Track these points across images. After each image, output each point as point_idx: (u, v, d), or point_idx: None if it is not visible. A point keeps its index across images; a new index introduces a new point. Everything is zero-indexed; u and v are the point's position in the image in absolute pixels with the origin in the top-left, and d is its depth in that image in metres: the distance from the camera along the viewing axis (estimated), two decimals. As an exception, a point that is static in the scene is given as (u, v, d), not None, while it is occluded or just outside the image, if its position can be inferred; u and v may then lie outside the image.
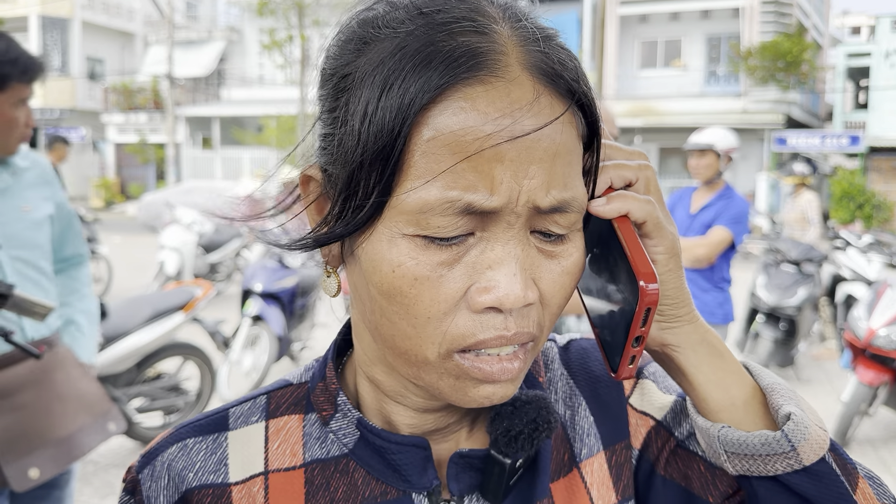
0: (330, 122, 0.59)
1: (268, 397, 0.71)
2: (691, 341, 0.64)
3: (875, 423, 5.63)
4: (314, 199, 0.62)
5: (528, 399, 0.65)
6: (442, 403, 0.66)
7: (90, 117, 31.74)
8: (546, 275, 0.57)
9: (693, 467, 0.69)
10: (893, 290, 5.30)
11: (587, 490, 0.70)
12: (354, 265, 0.60)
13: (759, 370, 0.66)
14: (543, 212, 0.55)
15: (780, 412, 0.61)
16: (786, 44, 23.03)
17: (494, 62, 0.53)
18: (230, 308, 8.35)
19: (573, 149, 0.56)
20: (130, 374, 4.57)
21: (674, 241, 0.62)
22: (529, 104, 0.53)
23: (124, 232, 18.74)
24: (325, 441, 0.68)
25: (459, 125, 0.52)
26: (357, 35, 0.58)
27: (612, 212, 0.60)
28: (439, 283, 0.54)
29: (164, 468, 0.67)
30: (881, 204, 23.88)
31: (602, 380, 0.75)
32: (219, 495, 0.66)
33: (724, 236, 4.17)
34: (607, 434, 0.72)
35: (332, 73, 0.59)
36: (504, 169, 0.52)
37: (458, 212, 0.53)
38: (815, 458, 0.60)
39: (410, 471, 0.65)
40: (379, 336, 0.60)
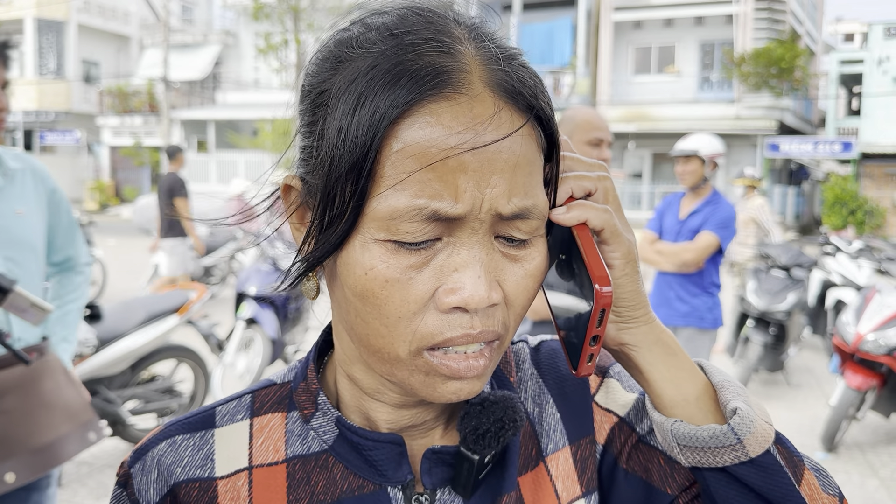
0: (308, 136, 0.63)
1: (252, 396, 0.75)
2: (647, 341, 0.68)
3: (863, 427, 5.68)
4: (295, 207, 0.66)
5: (495, 399, 0.68)
6: (417, 400, 0.69)
7: (85, 120, 31.71)
8: (510, 277, 0.61)
9: (653, 461, 0.73)
10: (882, 296, 5.36)
11: (552, 483, 0.74)
12: (332, 270, 0.64)
13: (711, 368, 0.70)
14: (506, 218, 0.59)
15: (728, 407, 0.65)
16: (779, 50, 23.14)
17: (458, 80, 0.58)
18: (224, 311, 8.38)
19: (533, 160, 0.61)
20: (125, 376, 4.60)
21: (630, 248, 0.66)
22: (490, 118, 0.57)
23: (119, 235, 18.73)
24: (306, 438, 0.71)
25: (425, 138, 0.56)
26: (333, 54, 0.62)
27: (572, 220, 0.64)
28: (409, 285, 0.58)
29: (153, 463, 0.71)
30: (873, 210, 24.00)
31: (569, 379, 0.79)
32: (205, 489, 0.70)
33: (711, 241, 4.23)
34: (573, 430, 0.76)
35: (311, 90, 0.63)
36: (467, 178, 0.56)
37: (425, 218, 0.57)
38: (761, 450, 0.63)
39: (386, 466, 0.69)
40: (355, 336, 0.64)
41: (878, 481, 4.72)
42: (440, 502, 0.70)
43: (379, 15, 0.62)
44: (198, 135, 30.67)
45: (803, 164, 28.13)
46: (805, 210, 29.27)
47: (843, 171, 25.48)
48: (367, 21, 0.62)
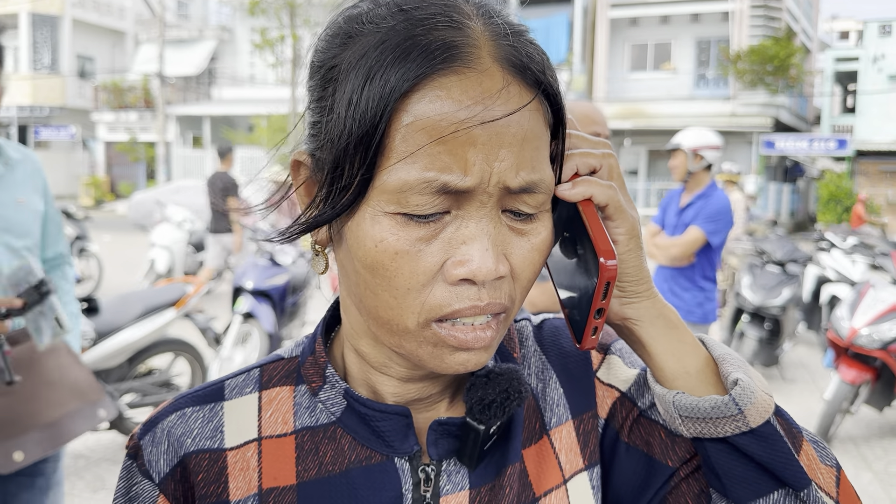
0: (318, 111, 0.64)
1: (261, 370, 0.77)
2: (650, 315, 0.69)
3: (857, 421, 5.71)
4: (303, 182, 0.68)
5: (500, 371, 0.70)
6: (424, 373, 0.70)
7: (80, 115, 31.63)
8: (517, 251, 0.62)
9: (654, 434, 0.74)
10: (876, 291, 5.39)
11: (556, 455, 0.75)
12: (341, 244, 0.65)
13: (712, 342, 0.72)
14: (513, 192, 0.60)
15: (729, 378, 0.66)
16: (774, 48, 23.19)
17: (468, 55, 0.59)
18: (221, 306, 8.38)
19: (540, 135, 0.62)
20: (122, 369, 4.60)
21: (634, 224, 0.68)
22: (499, 93, 0.59)
23: (114, 230, 18.70)
24: (314, 410, 0.73)
25: (436, 111, 0.57)
26: (343, 30, 0.63)
27: (577, 195, 0.66)
28: (418, 258, 0.59)
29: (164, 434, 0.72)
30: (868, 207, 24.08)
31: (572, 355, 0.80)
32: (215, 459, 0.71)
33: (697, 236, 4.28)
34: (576, 405, 0.78)
35: (321, 66, 0.64)
36: (476, 152, 0.57)
37: (434, 191, 0.58)
38: (761, 420, 0.65)
39: (393, 437, 0.70)
40: (364, 308, 0.65)
41: (872, 474, 4.75)
42: (446, 473, 0.71)
43: None
44: (193, 130, 30.62)
45: (798, 162, 28.21)
46: (800, 207, 29.35)
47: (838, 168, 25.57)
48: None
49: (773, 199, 25.21)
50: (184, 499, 0.71)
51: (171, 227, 9.75)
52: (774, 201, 25.45)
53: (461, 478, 0.71)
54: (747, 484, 0.66)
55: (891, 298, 5.25)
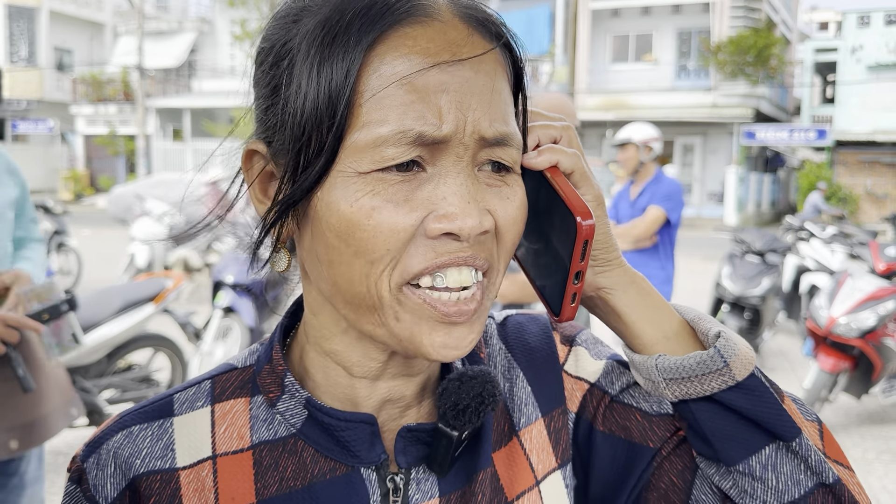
0: (269, 95, 0.62)
1: (212, 382, 0.72)
2: (622, 283, 0.69)
3: (835, 409, 5.77)
4: (259, 172, 0.65)
5: (473, 374, 0.68)
6: (397, 371, 0.68)
7: (58, 108, 31.25)
8: (499, 208, 0.61)
9: (630, 418, 0.73)
10: (854, 280, 5.44)
11: (527, 456, 0.74)
12: (307, 227, 0.62)
13: (683, 307, 0.72)
14: (489, 143, 0.60)
15: (710, 333, 0.66)
16: (755, 38, 23.32)
17: (429, 7, 0.59)
18: (201, 300, 8.33)
19: (506, 90, 0.62)
20: (101, 365, 4.56)
21: (599, 191, 0.68)
22: (465, 41, 0.59)
23: (94, 225, 18.53)
24: (272, 422, 0.69)
25: (404, 61, 0.57)
26: (293, 9, 0.63)
27: (545, 162, 0.66)
28: (395, 213, 0.57)
29: (109, 456, 0.67)
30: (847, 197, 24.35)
31: (537, 351, 0.79)
32: (167, 480, 0.67)
33: (658, 213, 4.52)
34: (544, 402, 0.76)
35: (270, 48, 0.63)
36: (449, 100, 0.57)
37: (410, 142, 0.57)
38: (746, 373, 0.64)
39: (359, 446, 0.67)
40: (338, 292, 0.62)
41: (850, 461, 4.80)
42: (415, 481, 0.68)
43: None
44: (173, 123, 30.36)
45: (779, 152, 28.41)
46: (781, 197, 29.58)
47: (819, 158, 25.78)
48: None
49: (753, 189, 25.39)
50: None
51: (152, 222, 9.67)
52: (755, 191, 25.64)
53: (430, 485, 0.69)
54: (738, 442, 0.65)
55: (868, 287, 5.31)
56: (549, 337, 0.80)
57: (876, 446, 5.09)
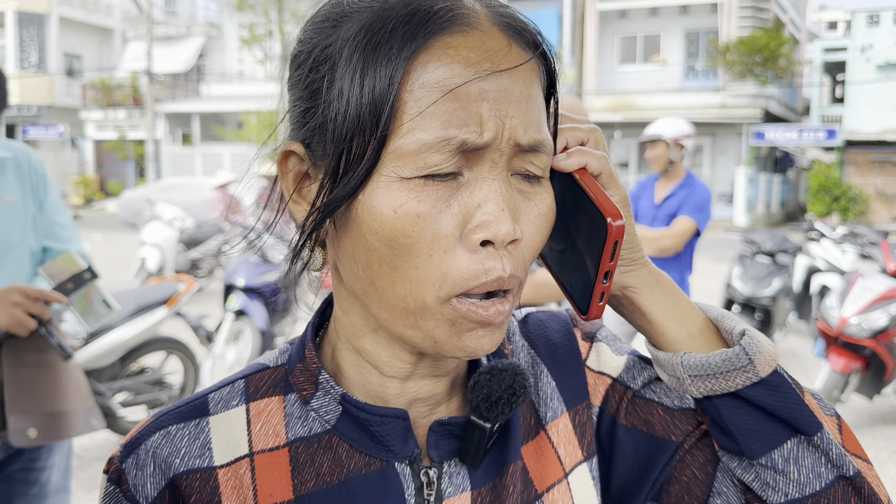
0: (308, 98, 0.63)
1: (246, 381, 0.73)
2: (648, 282, 0.71)
3: (847, 410, 5.75)
4: (295, 175, 0.66)
5: (503, 367, 0.69)
6: (427, 370, 0.69)
7: (68, 114, 31.44)
8: (525, 217, 0.63)
9: (653, 413, 0.75)
10: (865, 280, 5.43)
11: (555, 449, 0.75)
12: (346, 228, 0.63)
13: (706, 305, 0.73)
14: (523, 149, 0.61)
15: (735, 331, 0.68)
16: (763, 38, 23.24)
17: (469, 16, 0.61)
18: (213, 304, 8.37)
19: (540, 98, 0.64)
20: (114, 368, 4.60)
21: (625, 193, 0.70)
22: (504, 50, 0.61)
23: (104, 229, 18.63)
24: (307, 419, 0.70)
25: (447, 69, 0.58)
26: (332, 13, 0.64)
27: (574, 164, 0.68)
28: (439, 219, 0.59)
29: (148, 456, 0.68)
30: (857, 197, 24.22)
31: (560, 347, 0.80)
32: (206, 479, 0.68)
33: (689, 226, 4.27)
34: (569, 396, 0.78)
35: (309, 52, 0.64)
36: (489, 108, 0.58)
37: (453, 149, 0.58)
38: (770, 369, 0.66)
39: (393, 441, 0.68)
40: (376, 292, 0.63)
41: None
42: (447, 475, 0.70)
43: None
44: (182, 128, 30.50)
45: (788, 152, 28.31)
46: (790, 197, 29.46)
47: (828, 158, 25.67)
48: None
49: (763, 189, 25.31)
50: None
51: (162, 226, 9.72)
52: (765, 192, 25.55)
53: (462, 479, 0.70)
54: (761, 436, 0.66)
55: (879, 287, 5.29)
56: (571, 333, 0.82)
57: (888, 446, 5.07)
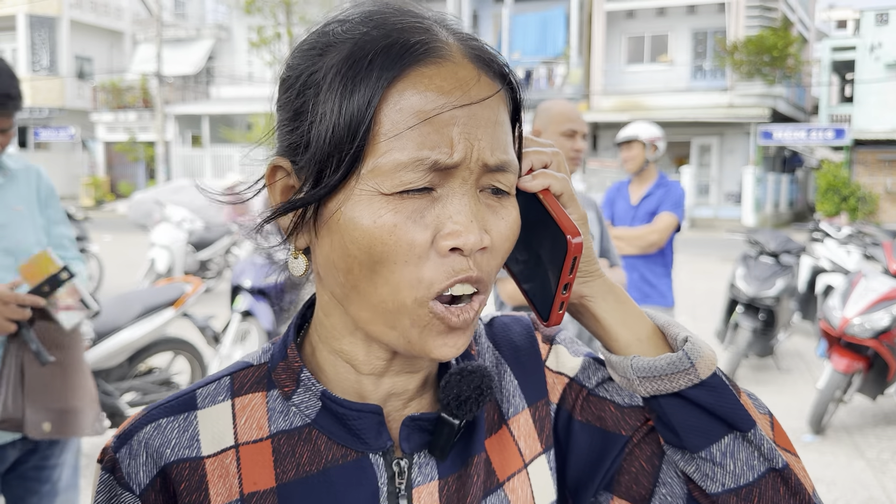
0: (294, 118, 0.70)
1: (231, 378, 0.79)
2: (602, 292, 0.78)
3: (850, 410, 5.77)
4: (282, 184, 0.73)
5: (472, 369, 0.76)
6: (400, 368, 0.76)
7: (79, 116, 31.63)
8: (494, 227, 0.69)
9: (605, 409, 0.82)
10: (867, 280, 5.44)
11: (515, 442, 0.82)
12: (327, 237, 0.69)
13: (654, 314, 0.80)
14: (490, 170, 0.68)
15: (679, 338, 0.75)
16: (771, 38, 23.15)
17: (443, 49, 0.68)
18: (220, 304, 8.44)
19: (507, 122, 0.71)
20: (122, 368, 4.66)
21: (583, 212, 0.77)
22: (474, 81, 0.68)
23: (115, 230, 18.75)
24: (288, 414, 0.76)
25: (421, 97, 0.65)
26: (318, 42, 0.70)
27: (538, 185, 0.74)
28: (413, 230, 0.65)
29: (140, 446, 0.74)
30: (866, 196, 24.08)
31: (523, 349, 0.87)
32: (194, 468, 0.74)
33: (672, 221, 4.46)
34: (530, 394, 0.85)
35: (296, 77, 0.71)
36: (459, 132, 0.65)
37: (426, 168, 0.65)
38: (709, 372, 0.73)
39: (368, 434, 0.75)
40: (355, 297, 0.69)
41: (865, 462, 4.81)
42: (417, 465, 0.76)
43: (354, 9, 0.71)
44: (192, 130, 30.63)
45: (797, 152, 28.19)
46: (799, 197, 29.34)
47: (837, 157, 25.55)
48: (343, 17, 0.71)
49: (771, 189, 25.22)
50: None
51: (171, 227, 9.81)
52: (773, 192, 25.47)
53: (431, 469, 0.77)
54: (701, 432, 0.73)
55: (882, 288, 5.30)
56: (532, 336, 0.89)
57: (892, 447, 5.09)
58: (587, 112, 23.85)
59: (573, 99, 24.14)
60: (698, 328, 8.41)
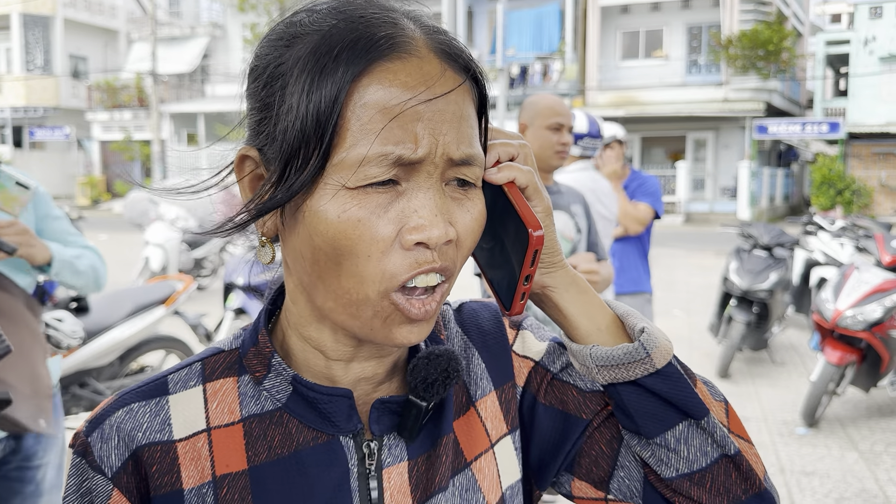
0: (263, 109, 0.70)
1: (202, 364, 0.81)
2: (564, 282, 0.79)
3: (843, 402, 5.78)
4: (249, 178, 0.74)
5: (440, 353, 0.78)
6: (368, 353, 0.77)
7: (74, 115, 31.58)
8: (459, 219, 0.70)
9: (567, 393, 0.85)
10: (860, 273, 5.45)
11: (483, 423, 0.84)
12: (294, 228, 0.70)
13: (614, 303, 0.82)
14: (455, 163, 0.69)
15: (636, 328, 0.77)
16: (766, 32, 23.15)
17: (408, 44, 0.68)
18: (215, 302, 8.43)
19: (473, 116, 0.72)
20: (113, 367, 4.64)
21: (548, 203, 0.78)
22: (439, 76, 0.68)
23: (111, 229, 18.73)
24: (259, 398, 0.78)
25: (386, 92, 0.65)
26: (286, 33, 0.71)
27: (503, 178, 0.75)
28: (378, 224, 0.66)
29: (112, 430, 0.75)
30: (860, 189, 24.12)
31: (490, 333, 0.89)
32: (166, 451, 0.75)
33: (649, 212, 4.57)
34: (497, 377, 0.87)
35: (264, 68, 0.71)
36: (423, 127, 0.66)
37: (390, 163, 0.65)
38: (664, 362, 0.75)
39: (338, 417, 0.76)
40: (322, 284, 0.70)
41: (858, 454, 4.81)
42: (387, 447, 0.78)
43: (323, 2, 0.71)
44: (187, 128, 30.59)
45: (792, 146, 28.22)
46: (794, 191, 29.38)
47: (832, 151, 25.57)
48: (312, 7, 0.71)
49: (766, 183, 25.24)
50: (137, 490, 0.74)
51: (165, 226, 9.79)
52: (768, 186, 25.49)
53: (400, 450, 0.78)
54: (656, 419, 0.76)
55: (874, 280, 5.31)
56: (500, 321, 0.91)
57: (885, 438, 5.09)
58: (583, 108, 23.83)
59: (568, 95, 24.16)
60: (692, 322, 8.43)
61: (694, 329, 8.08)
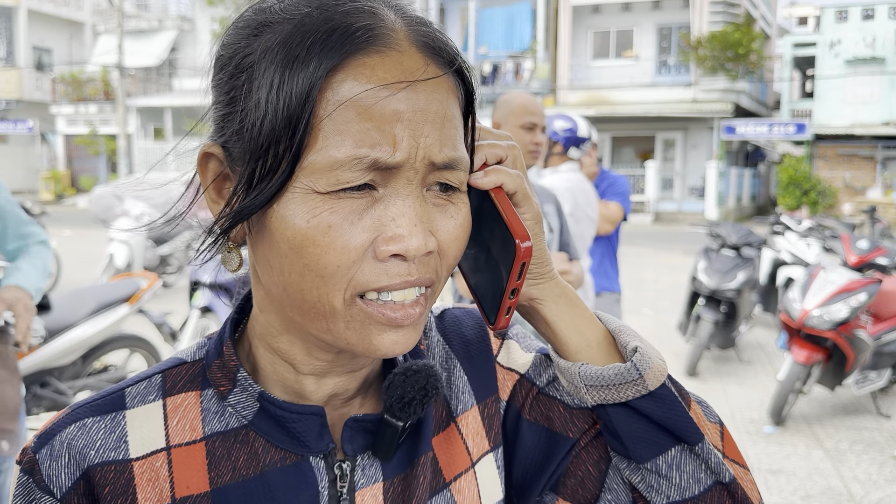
0: (228, 103, 0.64)
1: (163, 376, 0.74)
2: (553, 294, 0.74)
3: (809, 401, 5.84)
4: (214, 176, 0.67)
5: (417, 369, 0.72)
6: (343, 367, 0.72)
7: (38, 108, 30.98)
8: (442, 227, 0.64)
9: (553, 409, 0.78)
10: (826, 273, 5.51)
11: (463, 441, 0.79)
12: (261, 233, 0.64)
13: (607, 317, 0.76)
14: (438, 167, 0.62)
15: (629, 347, 0.71)
16: (735, 34, 23.43)
17: (387, 37, 0.61)
18: (181, 300, 8.31)
19: (457, 117, 0.65)
20: (76, 366, 4.54)
21: (538, 210, 0.72)
22: (420, 70, 0.62)
23: (75, 225, 18.40)
24: (224, 415, 0.71)
25: (361, 89, 0.59)
26: (255, 21, 0.64)
27: (490, 183, 0.69)
28: (350, 231, 0.60)
29: (63, 447, 0.69)
30: (826, 190, 24.53)
31: (473, 343, 0.84)
32: (120, 471, 0.69)
33: (619, 211, 4.57)
34: (479, 390, 0.81)
35: (230, 58, 0.64)
36: (403, 128, 0.59)
37: (365, 167, 0.59)
38: (658, 383, 0.70)
39: (308, 436, 0.70)
40: (288, 298, 0.64)
41: (823, 452, 4.87)
42: (360, 467, 0.72)
43: None
44: (154, 122, 30.18)
45: (759, 147, 28.59)
46: (761, 191, 29.78)
47: (798, 152, 25.96)
48: None
49: (734, 183, 25.55)
50: None
51: (130, 222, 9.62)
52: (736, 186, 25.80)
53: (374, 471, 0.73)
54: (647, 443, 0.70)
55: (840, 280, 5.38)
56: (484, 330, 0.85)
57: (849, 436, 5.16)
58: (554, 107, 23.91)
59: (540, 94, 24.22)
60: (661, 321, 8.48)
61: (662, 327, 8.13)
